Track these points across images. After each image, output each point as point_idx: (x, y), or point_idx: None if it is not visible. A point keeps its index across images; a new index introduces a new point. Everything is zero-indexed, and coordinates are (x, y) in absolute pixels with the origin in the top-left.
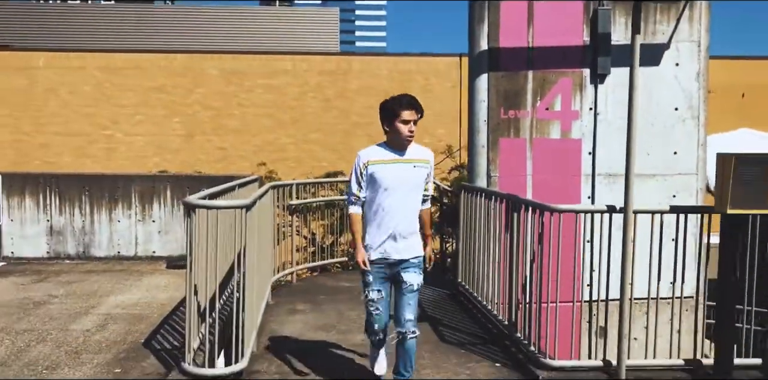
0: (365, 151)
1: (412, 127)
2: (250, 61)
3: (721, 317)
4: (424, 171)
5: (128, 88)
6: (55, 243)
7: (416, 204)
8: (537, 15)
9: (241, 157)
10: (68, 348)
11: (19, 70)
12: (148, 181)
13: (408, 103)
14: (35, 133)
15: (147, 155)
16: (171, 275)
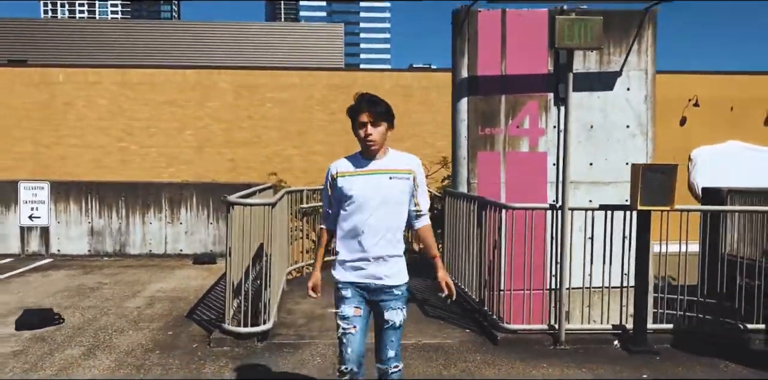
0: (335, 162)
1: (369, 129)
2: (260, 76)
3: (638, 291)
4: (404, 183)
5: (142, 102)
6: (96, 242)
7: (397, 223)
8: (509, 49)
9: (249, 168)
10: (128, 319)
11: (40, 85)
12: (176, 189)
13: (364, 103)
14: (54, 145)
15: (160, 166)
16: (197, 269)
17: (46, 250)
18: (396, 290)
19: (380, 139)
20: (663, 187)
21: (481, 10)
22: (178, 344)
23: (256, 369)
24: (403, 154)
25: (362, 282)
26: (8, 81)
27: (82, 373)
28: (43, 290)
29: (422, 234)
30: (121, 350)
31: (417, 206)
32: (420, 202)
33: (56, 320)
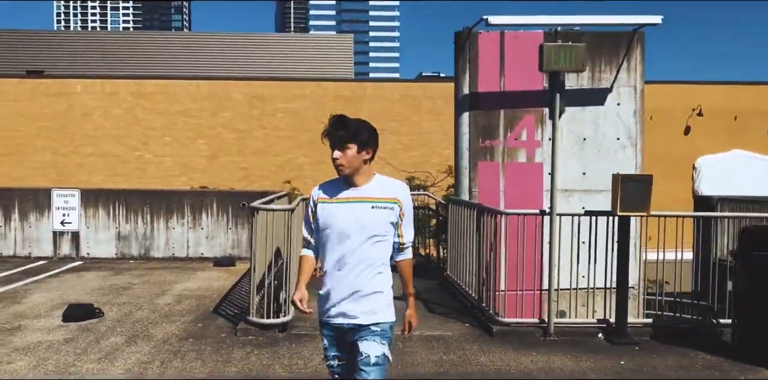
0: (318, 186)
1: (336, 154)
2: (272, 87)
3: (620, 289)
4: (387, 213)
5: (157, 111)
6: (122, 246)
7: (378, 255)
8: (507, 67)
9: (262, 176)
10: (160, 313)
11: (58, 95)
12: (198, 196)
13: (329, 127)
14: (71, 154)
15: (174, 174)
16: (218, 271)
17: (76, 253)
18: (374, 327)
19: (350, 164)
20: (640, 195)
21: (481, 32)
22: (208, 334)
23: (278, 354)
24: (391, 180)
25: (335, 323)
26: (28, 92)
27: (125, 358)
28: (79, 288)
29: (401, 268)
30: (158, 339)
31: (400, 238)
32: (404, 234)
33: (97, 314)
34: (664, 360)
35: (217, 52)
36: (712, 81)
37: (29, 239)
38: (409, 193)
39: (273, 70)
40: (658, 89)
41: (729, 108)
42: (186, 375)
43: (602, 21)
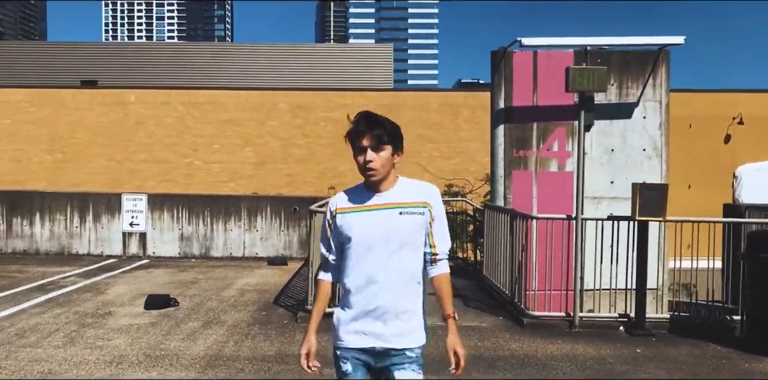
0: (335, 197)
1: (369, 155)
2: (314, 97)
3: (639, 285)
4: (418, 219)
5: (207, 120)
6: (184, 246)
7: (410, 269)
8: (540, 83)
9: (305, 183)
10: (227, 303)
11: (114, 105)
12: (253, 201)
13: (362, 124)
14: (125, 161)
15: (222, 180)
16: (272, 269)
17: (143, 252)
18: (409, 352)
19: (384, 167)
20: (657, 202)
21: (515, 51)
22: (272, 320)
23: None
24: (417, 182)
25: (365, 347)
26: (86, 101)
27: (204, 338)
28: (152, 283)
29: (437, 284)
30: (229, 324)
31: (432, 248)
32: (437, 243)
33: (173, 303)
34: (677, 350)
35: (261, 63)
36: (752, 89)
37: (101, 239)
38: (439, 196)
39: (315, 80)
40: (697, 98)
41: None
42: (253, 353)
43: (628, 42)
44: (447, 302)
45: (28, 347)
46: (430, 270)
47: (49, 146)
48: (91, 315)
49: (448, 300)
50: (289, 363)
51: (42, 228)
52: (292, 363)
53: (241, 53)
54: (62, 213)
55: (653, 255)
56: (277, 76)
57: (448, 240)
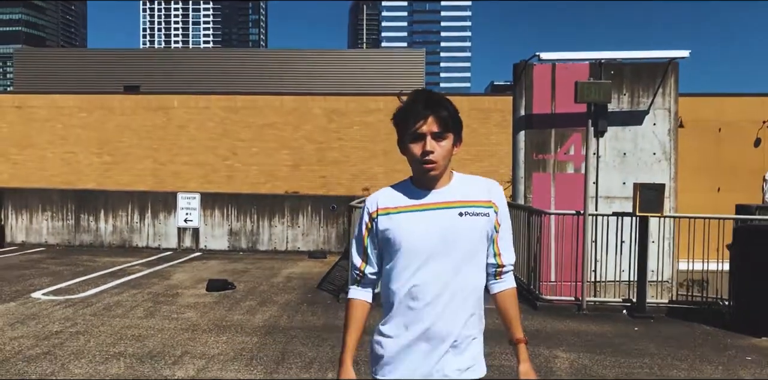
0: (375, 194)
1: (430, 144)
2: (348, 102)
3: (640, 271)
4: (482, 221)
5: (245, 124)
6: (233, 240)
7: (473, 284)
8: (558, 93)
9: (339, 184)
10: (277, 288)
11: (158, 110)
12: (295, 200)
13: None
14: (169, 163)
15: (260, 182)
16: (313, 261)
17: (196, 246)
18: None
19: (444, 160)
20: (655, 200)
21: (536, 64)
22: (317, 301)
23: (371, 315)
24: (476, 177)
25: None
26: (132, 106)
27: (261, 314)
28: (208, 271)
29: (502, 302)
30: (280, 303)
31: (497, 258)
32: (502, 252)
33: (230, 286)
34: (670, 329)
35: (295, 68)
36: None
37: (159, 233)
38: (503, 194)
39: (348, 84)
40: (727, 102)
41: None
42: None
43: (638, 55)
44: (516, 323)
45: (117, 317)
46: (493, 284)
47: (98, 149)
48: (162, 295)
49: (517, 321)
50: (334, 331)
51: (106, 223)
52: (336, 332)
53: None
54: (124, 210)
55: (664, 250)
56: (311, 81)
57: (512, 249)
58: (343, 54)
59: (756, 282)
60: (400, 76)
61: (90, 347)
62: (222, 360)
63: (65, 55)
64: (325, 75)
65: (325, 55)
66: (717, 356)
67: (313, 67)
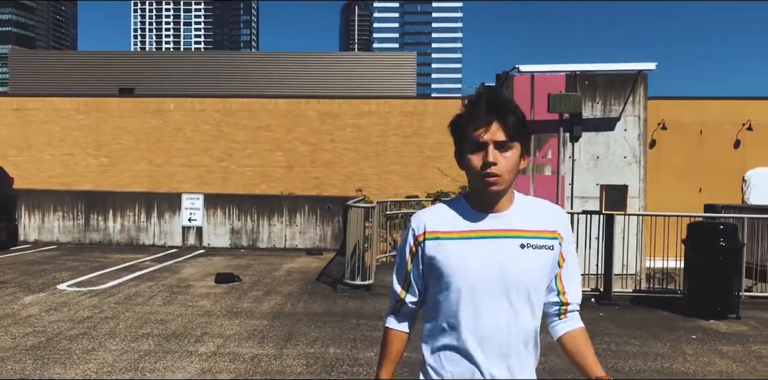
0: (423, 213)
1: (493, 156)
2: (341, 105)
3: (607, 266)
4: (546, 257)
5: (240, 127)
6: (234, 238)
7: (532, 327)
8: (536, 101)
9: (332, 185)
10: (279, 280)
11: (154, 112)
12: (293, 200)
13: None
14: (165, 164)
15: (255, 183)
16: (311, 257)
17: (199, 244)
18: None
19: (510, 174)
20: (619, 199)
21: (516, 75)
22: (317, 291)
23: (366, 302)
24: (541, 202)
25: None
26: (129, 109)
27: (267, 302)
28: (214, 266)
29: (574, 343)
30: (283, 294)
31: (562, 296)
32: (567, 289)
33: (236, 279)
34: (632, 314)
35: (288, 71)
36: (761, 96)
37: (164, 232)
38: (569, 222)
39: (341, 87)
40: (708, 104)
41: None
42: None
43: (609, 68)
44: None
45: (138, 305)
46: (556, 325)
47: (95, 151)
48: (176, 287)
49: (594, 357)
50: (333, 316)
51: (114, 222)
52: (336, 316)
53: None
54: (131, 210)
55: (632, 245)
56: (303, 83)
57: (580, 284)
58: (336, 56)
59: (703, 272)
60: (392, 78)
61: (120, 329)
62: (237, 339)
63: (60, 56)
64: (318, 77)
65: (317, 57)
66: (668, 335)
67: (306, 69)
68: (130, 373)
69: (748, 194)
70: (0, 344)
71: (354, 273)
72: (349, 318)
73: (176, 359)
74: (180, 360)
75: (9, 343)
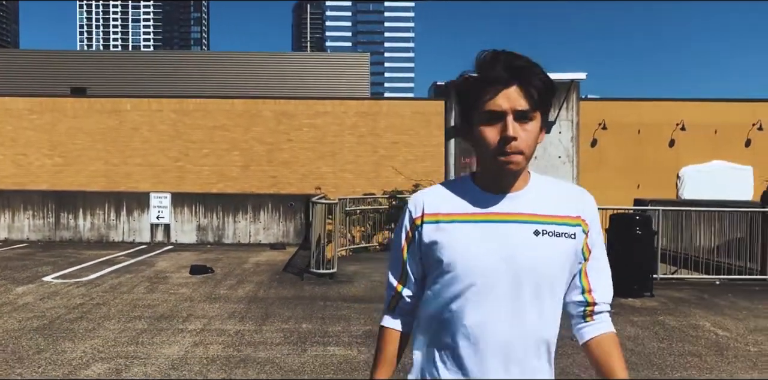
0: (422, 193)
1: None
2: (297, 105)
3: None
4: (566, 246)
5: (197, 127)
6: (201, 235)
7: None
8: None
9: (289, 184)
10: (249, 271)
11: (111, 113)
12: (257, 198)
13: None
14: (122, 164)
15: (212, 182)
16: (275, 251)
17: (167, 240)
18: None
19: (530, 149)
20: None
21: None
22: (285, 280)
23: (330, 288)
24: (563, 183)
25: None
26: (85, 109)
27: (242, 289)
28: (185, 260)
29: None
30: (255, 282)
31: (587, 294)
32: (594, 286)
33: (210, 271)
34: None
35: (244, 70)
36: (693, 98)
37: (133, 229)
38: (595, 208)
39: (296, 87)
40: (645, 105)
41: (710, 122)
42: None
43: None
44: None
45: (125, 293)
46: (582, 328)
47: (50, 151)
48: (154, 278)
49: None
50: (302, 300)
51: (84, 221)
52: (305, 300)
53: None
54: (101, 208)
55: None
56: (259, 84)
57: (610, 280)
58: (291, 57)
59: (622, 256)
60: (346, 79)
61: (113, 313)
62: (220, 319)
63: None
64: (273, 78)
65: (272, 57)
66: None
67: (261, 69)
68: (132, 346)
69: (682, 190)
70: (9, 326)
71: (318, 263)
72: (317, 301)
73: (170, 335)
74: (173, 335)
75: (16, 326)
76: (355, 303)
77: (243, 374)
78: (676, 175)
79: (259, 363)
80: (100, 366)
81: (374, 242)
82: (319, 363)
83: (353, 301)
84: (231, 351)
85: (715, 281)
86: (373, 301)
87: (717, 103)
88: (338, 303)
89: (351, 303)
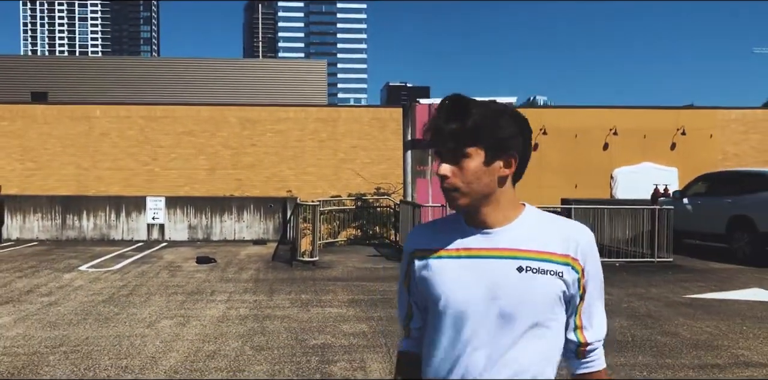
0: (414, 229)
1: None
2: (261, 111)
3: None
4: (551, 283)
5: (165, 132)
6: (192, 233)
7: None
8: None
9: (253, 186)
10: (245, 261)
11: (81, 119)
12: (241, 200)
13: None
14: (92, 168)
15: (179, 185)
16: (259, 247)
17: (162, 238)
18: None
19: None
20: None
21: (418, 104)
22: (277, 266)
23: (315, 272)
24: (558, 219)
25: None
26: (55, 115)
27: (244, 274)
28: (185, 254)
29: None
30: (253, 268)
31: (578, 332)
32: (585, 324)
33: (213, 261)
34: None
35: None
36: (624, 105)
37: (132, 229)
38: (594, 243)
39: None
40: (581, 112)
41: (639, 128)
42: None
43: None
44: None
45: (153, 278)
46: (573, 364)
47: (21, 156)
48: (169, 267)
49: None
50: (296, 279)
51: (88, 221)
52: (298, 280)
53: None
54: (102, 210)
55: None
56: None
57: (604, 318)
58: (250, 63)
59: None
60: (305, 86)
61: (153, 290)
62: (238, 293)
63: None
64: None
65: (232, 64)
66: None
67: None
68: (182, 310)
69: (615, 189)
70: (82, 299)
71: (305, 253)
72: (307, 281)
73: (206, 303)
74: (208, 303)
75: (87, 299)
76: (338, 282)
77: (271, 323)
78: (610, 176)
79: (279, 317)
80: (168, 322)
81: (340, 238)
82: (322, 317)
83: (336, 280)
84: (256, 311)
85: (615, 263)
86: (350, 280)
87: (645, 110)
88: (324, 282)
89: (334, 281)
